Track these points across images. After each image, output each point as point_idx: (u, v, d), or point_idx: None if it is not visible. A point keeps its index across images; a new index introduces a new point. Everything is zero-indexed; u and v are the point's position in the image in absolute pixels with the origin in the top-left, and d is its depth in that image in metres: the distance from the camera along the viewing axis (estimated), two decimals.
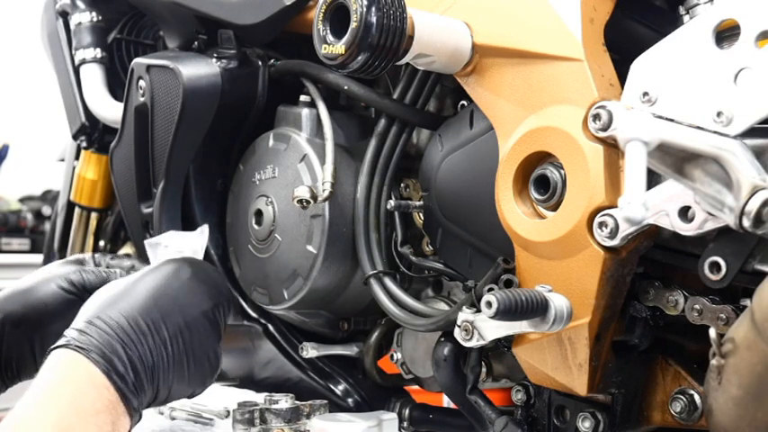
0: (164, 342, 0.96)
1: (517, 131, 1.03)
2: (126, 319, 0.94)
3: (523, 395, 1.14)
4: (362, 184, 1.26)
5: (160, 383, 0.95)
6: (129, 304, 0.96)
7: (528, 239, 1.01)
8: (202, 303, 1.02)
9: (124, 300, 0.96)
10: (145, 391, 0.93)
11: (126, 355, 0.92)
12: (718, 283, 0.89)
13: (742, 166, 0.83)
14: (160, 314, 0.97)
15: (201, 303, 1.02)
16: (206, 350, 1.01)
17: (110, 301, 0.96)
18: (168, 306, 0.98)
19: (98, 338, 0.91)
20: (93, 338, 0.91)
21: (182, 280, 1.01)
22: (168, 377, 0.96)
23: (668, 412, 1.03)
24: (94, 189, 1.84)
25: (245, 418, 1.20)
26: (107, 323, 0.93)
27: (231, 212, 1.41)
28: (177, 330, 0.97)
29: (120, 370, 0.91)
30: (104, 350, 0.91)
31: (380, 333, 1.37)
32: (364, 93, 1.26)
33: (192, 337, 0.99)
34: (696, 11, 1.01)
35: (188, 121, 1.34)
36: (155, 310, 0.96)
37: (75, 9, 1.68)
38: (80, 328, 0.93)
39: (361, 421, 1.24)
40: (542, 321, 0.94)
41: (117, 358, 0.91)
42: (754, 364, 0.81)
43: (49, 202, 4.58)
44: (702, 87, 0.89)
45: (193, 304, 1.01)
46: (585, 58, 0.98)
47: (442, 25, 1.06)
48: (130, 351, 0.92)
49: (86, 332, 0.92)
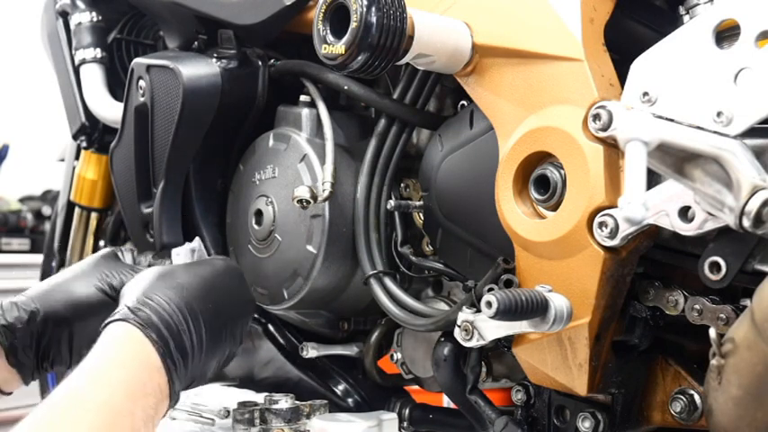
0: (212, 336, 0.96)
1: (517, 131, 1.03)
2: (182, 301, 0.94)
3: (523, 395, 1.14)
4: (362, 184, 1.26)
5: (197, 371, 0.96)
6: (183, 288, 0.96)
7: (528, 239, 1.01)
8: (247, 306, 1.04)
9: (177, 283, 0.97)
10: (186, 379, 0.94)
11: (180, 341, 0.92)
12: (718, 283, 0.89)
13: (742, 166, 0.83)
14: (215, 307, 0.97)
15: (246, 306, 1.04)
16: (234, 347, 1.03)
17: (163, 281, 0.96)
18: (222, 298, 0.99)
19: (155, 316, 0.91)
20: (151, 316, 0.91)
21: (232, 273, 1.03)
22: (206, 366, 0.97)
23: (668, 412, 1.03)
24: (94, 189, 1.84)
25: (245, 418, 1.20)
26: (164, 301, 0.93)
27: (231, 212, 1.41)
28: (223, 326, 0.99)
29: (174, 354, 0.91)
30: (161, 329, 0.91)
31: (380, 333, 1.37)
32: (364, 93, 1.26)
33: (232, 333, 1.01)
34: (696, 11, 1.01)
35: (188, 121, 1.34)
36: (210, 302, 0.97)
37: (75, 9, 1.68)
38: (135, 305, 0.92)
39: (361, 421, 1.24)
40: (542, 321, 0.94)
41: (172, 339, 0.91)
42: (754, 364, 0.81)
43: (49, 202, 4.59)
44: (702, 87, 0.89)
45: (241, 305, 1.03)
46: (585, 58, 0.98)
47: (442, 25, 1.06)
48: (185, 337, 0.92)
49: (142, 309, 0.92)
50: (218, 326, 0.98)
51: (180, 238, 1.40)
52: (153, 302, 0.93)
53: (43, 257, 2.03)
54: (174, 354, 0.91)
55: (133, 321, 0.91)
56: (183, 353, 0.92)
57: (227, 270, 1.05)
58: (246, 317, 1.06)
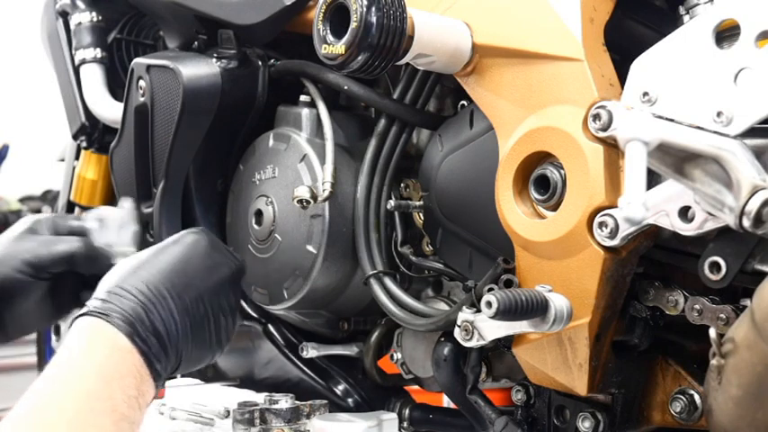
0: (186, 309, 0.96)
1: (517, 131, 1.03)
2: (147, 285, 0.95)
3: (523, 395, 1.14)
4: (362, 184, 1.26)
5: (182, 350, 0.96)
6: (150, 273, 0.97)
7: (528, 239, 1.01)
8: (221, 272, 1.03)
9: (145, 269, 0.97)
10: (168, 357, 0.94)
11: (148, 320, 0.92)
12: (718, 283, 0.89)
13: (742, 166, 0.83)
14: (182, 282, 0.98)
15: (221, 272, 1.03)
16: (225, 317, 1.03)
17: (131, 270, 0.97)
18: (191, 273, 0.99)
19: (119, 305, 0.92)
20: (115, 305, 0.92)
21: (201, 249, 1.03)
22: (188, 343, 0.97)
23: (668, 412, 1.03)
24: (94, 189, 1.83)
25: (245, 418, 1.20)
26: (128, 290, 0.94)
27: (231, 212, 1.41)
28: (198, 297, 0.98)
29: (142, 334, 0.91)
30: (127, 315, 0.91)
31: (380, 333, 1.36)
32: (364, 93, 1.26)
33: (212, 303, 1.00)
34: (696, 11, 1.01)
35: (188, 122, 1.34)
36: (176, 278, 0.97)
37: (75, 9, 1.68)
38: (102, 297, 0.94)
39: (361, 421, 1.24)
40: (542, 321, 0.94)
41: (139, 322, 0.91)
42: (754, 364, 0.81)
43: (48, 202, 4.58)
44: (702, 87, 0.89)
45: (214, 272, 1.02)
46: (585, 58, 0.98)
47: (442, 25, 1.06)
48: (152, 316, 0.93)
49: (108, 300, 0.93)
50: (193, 298, 0.98)
51: None
52: (115, 292, 0.94)
53: None
54: (142, 333, 0.91)
55: (95, 313, 0.92)
56: (156, 332, 0.93)
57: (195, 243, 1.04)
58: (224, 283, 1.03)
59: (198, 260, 1.01)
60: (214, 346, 1.02)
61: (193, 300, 0.98)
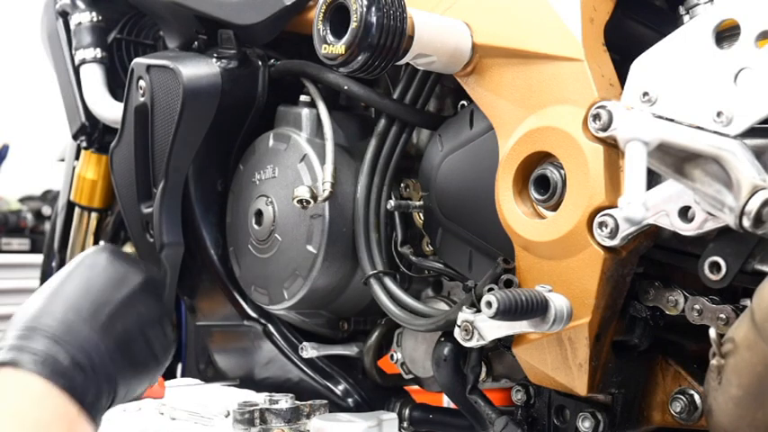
0: (103, 329, 0.92)
1: (517, 131, 1.03)
2: (54, 319, 0.90)
3: (523, 395, 1.14)
4: (362, 184, 1.26)
5: (115, 373, 0.91)
6: (54, 305, 0.92)
7: (528, 239, 1.01)
8: (130, 282, 0.98)
9: (49, 303, 0.93)
10: (99, 386, 0.89)
11: (65, 353, 0.87)
12: (718, 283, 0.89)
13: (742, 166, 0.83)
14: (89, 304, 0.93)
15: (129, 282, 0.98)
16: (152, 327, 0.98)
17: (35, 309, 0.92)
18: (96, 293, 0.95)
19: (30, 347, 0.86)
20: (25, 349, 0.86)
21: (101, 266, 0.98)
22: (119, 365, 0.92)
23: (668, 412, 1.03)
24: (94, 189, 1.84)
25: (245, 418, 1.20)
26: (37, 329, 0.89)
27: (231, 212, 1.42)
28: (112, 314, 0.94)
29: (61, 370, 0.86)
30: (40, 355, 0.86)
31: (380, 333, 1.36)
32: (364, 93, 1.26)
33: (130, 316, 0.96)
34: (696, 11, 1.01)
35: (188, 121, 1.34)
36: (83, 302, 0.93)
37: (75, 9, 1.68)
38: (10, 344, 0.87)
39: (361, 421, 1.24)
40: (542, 321, 0.94)
41: (54, 361, 0.86)
42: (754, 364, 0.81)
43: (49, 202, 4.58)
44: (702, 87, 0.89)
45: (122, 285, 0.97)
46: (585, 58, 0.98)
47: (442, 25, 1.06)
48: (68, 348, 0.87)
49: (16, 346, 0.87)
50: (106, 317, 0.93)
51: (180, 237, 1.40)
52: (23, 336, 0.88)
53: (43, 257, 2.03)
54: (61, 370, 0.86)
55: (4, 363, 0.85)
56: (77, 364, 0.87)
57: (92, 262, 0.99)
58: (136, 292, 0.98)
59: (100, 278, 0.97)
60: (150, 359, 0.98)
61: (107, 318, 0.93)
